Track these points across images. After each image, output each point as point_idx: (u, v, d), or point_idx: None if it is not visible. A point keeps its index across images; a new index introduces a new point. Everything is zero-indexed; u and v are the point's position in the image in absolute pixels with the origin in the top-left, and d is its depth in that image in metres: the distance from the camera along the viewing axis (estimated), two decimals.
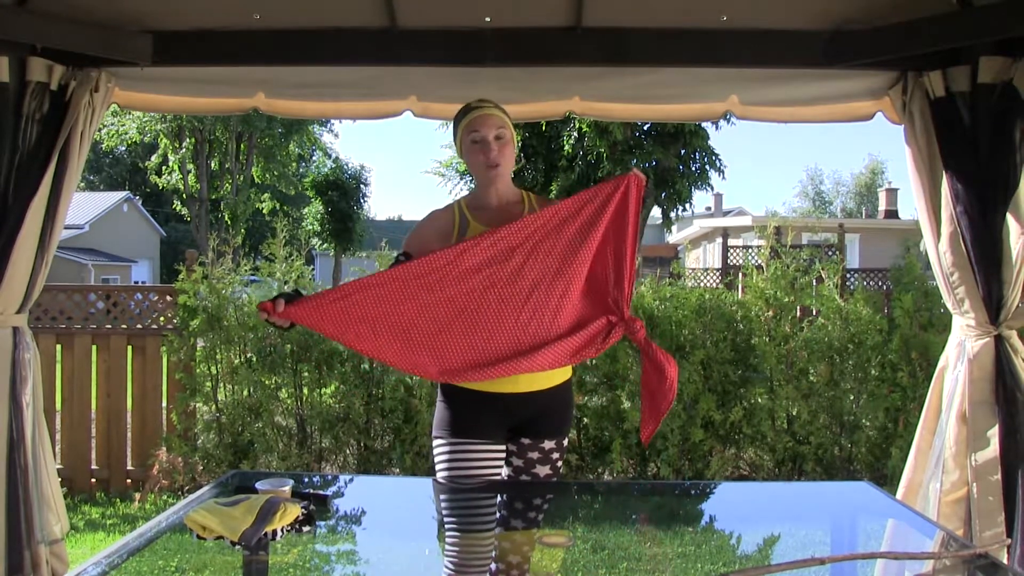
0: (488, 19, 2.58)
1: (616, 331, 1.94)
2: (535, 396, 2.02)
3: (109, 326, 4.69)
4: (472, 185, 2.10)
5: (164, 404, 4.70)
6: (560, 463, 2.11)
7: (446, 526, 1.88)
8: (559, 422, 2.09)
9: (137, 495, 4.45)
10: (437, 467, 2.03)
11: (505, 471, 2.10)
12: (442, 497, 1.99)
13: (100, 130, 17.68)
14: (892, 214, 23.19)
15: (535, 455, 2.07)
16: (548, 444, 2.07)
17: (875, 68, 2.64)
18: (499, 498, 2.02)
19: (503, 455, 2.07)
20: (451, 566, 1.67)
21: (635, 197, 1.93)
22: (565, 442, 2.12)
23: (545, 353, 1.89)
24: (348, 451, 4.50)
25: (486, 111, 2.07)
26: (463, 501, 1.96)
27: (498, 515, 1.97)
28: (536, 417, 2.05)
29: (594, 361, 4.39)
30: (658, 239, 26.41)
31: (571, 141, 12.18)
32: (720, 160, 13.00)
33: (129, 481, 4.64)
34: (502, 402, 2.00)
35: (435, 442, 2.05)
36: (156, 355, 4.63)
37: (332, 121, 24.79)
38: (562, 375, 2.07)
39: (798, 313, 4.52)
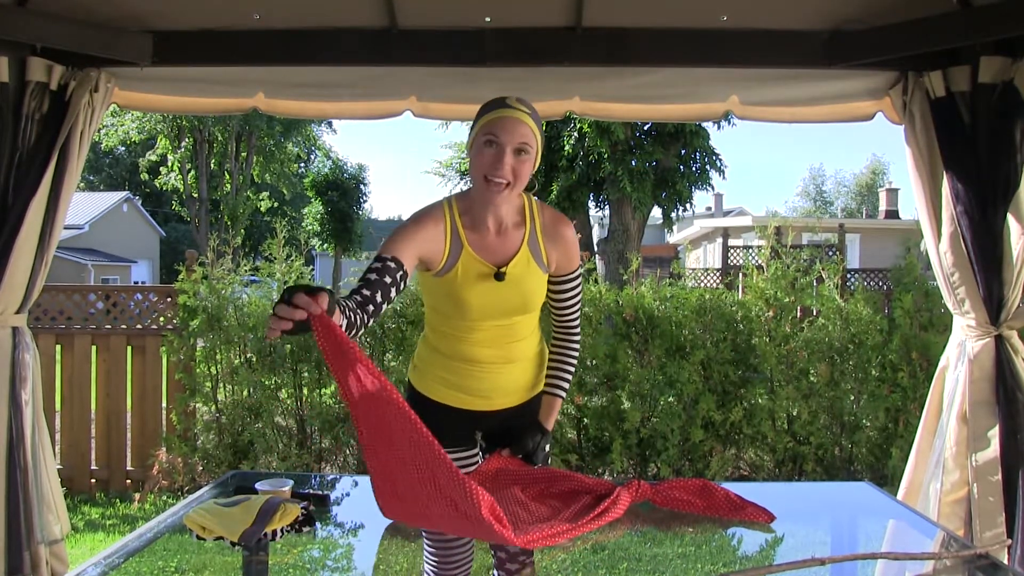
0: (488, 19, 2.58)
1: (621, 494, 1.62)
2: (508, 410, 1.88)
3: (109, 326, 4.69)
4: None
5: (164, 404, 4.70)
6: (548, 458, 2.00)
7: (424, 537, 1.78)
8: (531, 433, 1.88)
9: (137, 495, 4.45)
10: None
11: None
12: None
13: (100, 130, 17.67)
14: (892, 214, 23.20)
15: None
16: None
17: (875, 68, 2.64)
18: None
19: (476, 459, 1.94)
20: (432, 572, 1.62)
21: (624, 501, 1.60)
22: (548, 446, 1.97)
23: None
24: (348, 451, 4.50)
25: (515, 115, 1.68)
26: None
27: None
28: (508, 429, 1.87)
29: (594, 361, 4.39)
30: (658, 239, 26.41)
31: (571, 141, 12.18)
32: (720, 160, 13.00)
33: (129, 481, 4.64)
34: (472, 415, 1.87)
35: None
36: (156, 355, 4.63)
37: (331, 120, 24.81)
38: (538, 389, 1.92)
39: (798, 313, 4.52)
